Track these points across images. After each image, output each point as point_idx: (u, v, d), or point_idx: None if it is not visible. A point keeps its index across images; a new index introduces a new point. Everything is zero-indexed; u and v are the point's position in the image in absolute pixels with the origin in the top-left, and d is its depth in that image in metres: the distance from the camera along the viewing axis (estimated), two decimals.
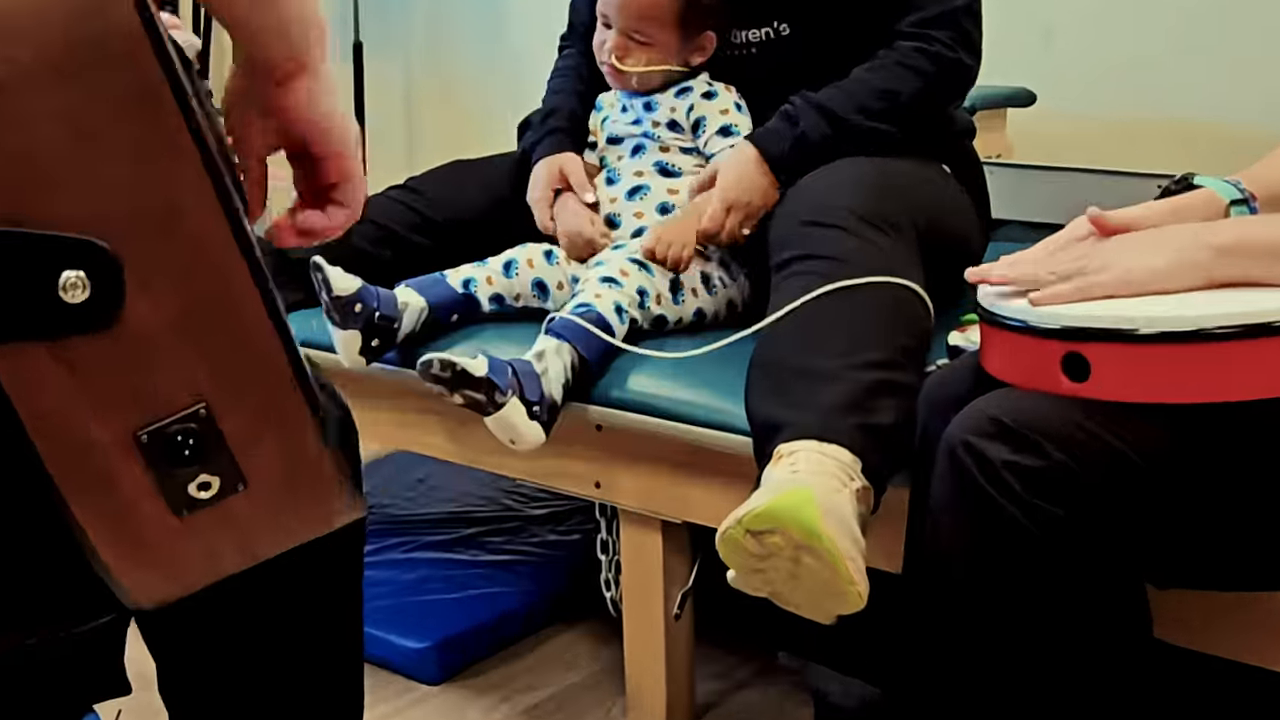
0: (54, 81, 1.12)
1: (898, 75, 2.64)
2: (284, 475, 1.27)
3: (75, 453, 1.17)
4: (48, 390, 1.15)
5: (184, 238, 1.18)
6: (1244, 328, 1.62)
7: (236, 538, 1.26)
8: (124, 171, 1.15)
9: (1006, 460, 1.67)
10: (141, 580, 1.24)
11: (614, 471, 2.58)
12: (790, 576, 2.03)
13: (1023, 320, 1.75)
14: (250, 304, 1.22)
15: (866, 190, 2.46)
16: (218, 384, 1.21)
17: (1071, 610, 1.69)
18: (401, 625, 2.93)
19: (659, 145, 2.83)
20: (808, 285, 2.30)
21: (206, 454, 1.21)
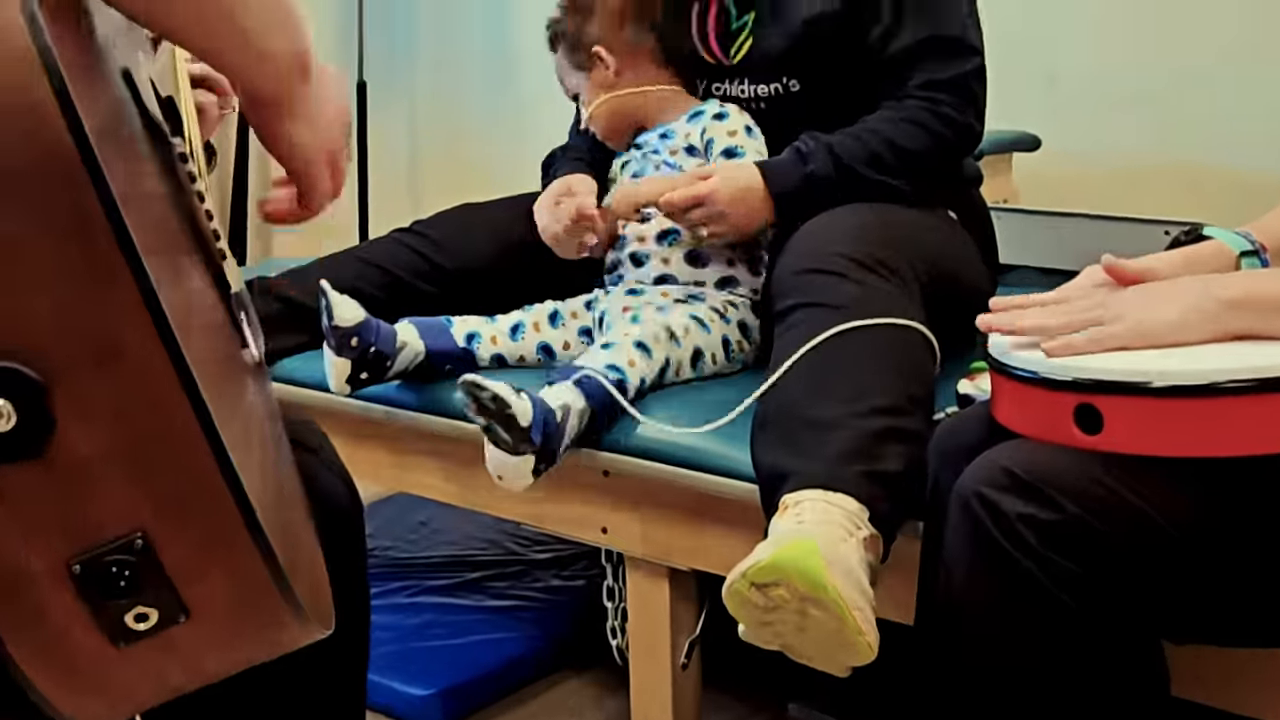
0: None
1: (908, 132, 2.65)
2: (230, 607, 1.24)
3: (5, 581, 1.16)
4: None
5: (122, 372, 1.16)
6: (1257, 382, 1.62)
7: (181, 662, 1.24)
8: (54, 301, 1.13)
9: (1021, 513, 1.66)
10: (83, 705, 1.22)
11: (621, 518, 2.58)
12: (798, 629, 2.03)
13: (1034, 371, 1.75)
14: (194, 441, 1.18)
15: (865, 236, 2.45)
16: (158, 516, 1.18)
17: (1087, 666, 1.68)
18: (404, 672, 2.92)
19: None
20: (809, 333, 2.30)
21: (143, 585, 1.18)
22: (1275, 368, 1.63)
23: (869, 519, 2.10)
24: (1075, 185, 3.38)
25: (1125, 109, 3.38)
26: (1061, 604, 1.66)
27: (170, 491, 1.18)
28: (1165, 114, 3.33)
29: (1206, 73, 3.27)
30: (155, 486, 1.17)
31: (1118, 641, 1.68)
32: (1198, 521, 1.66)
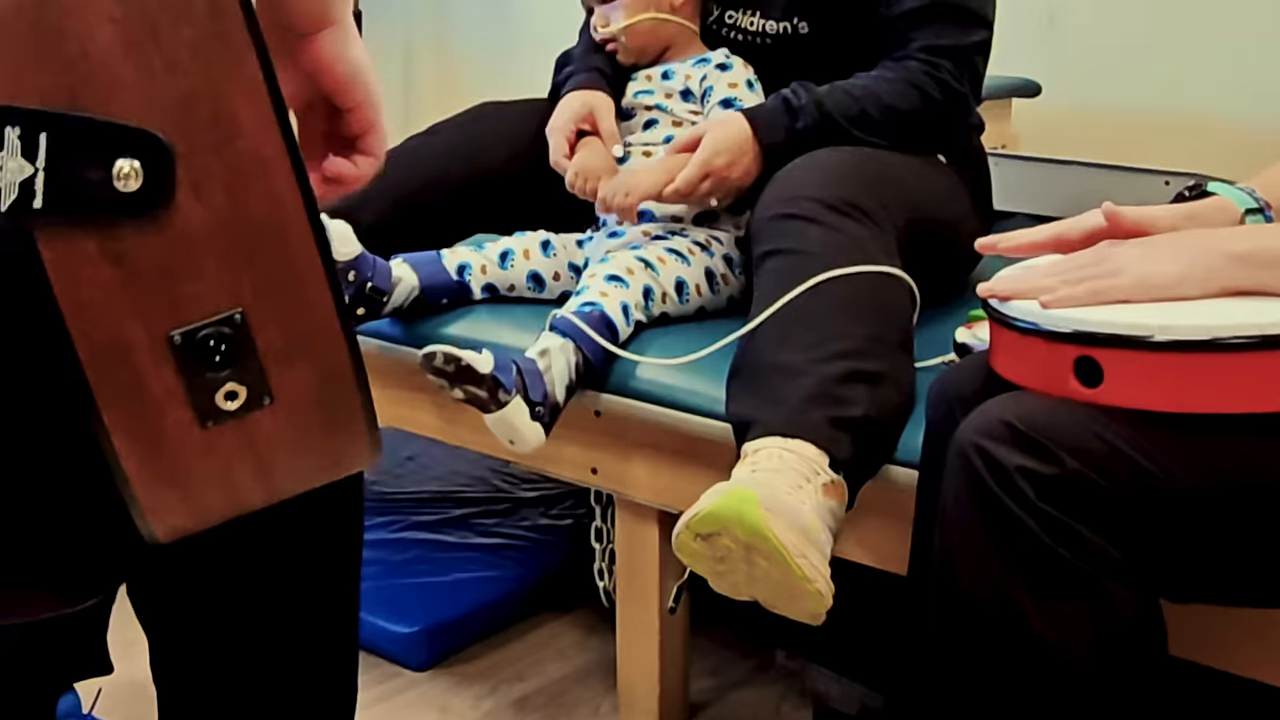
0: None
1: (902, 93, 2.66)
2: (313, 399, 1.29)
3: (111, 352, 1.19)
4: (92, 281, 1.18)
5: (239, 152, 1.20)
6: (1261, 339, 1.63)
7: (256, 463, 1.28)
8: (184, 81, 1.18)
9: (1019, 466, 1.67)
10: (160, 501, 1.25)
11: (611, 459, 2.59)
12: (749, 578, 2.05)
13: (1034, 322, 1.75)
14: (298, 228, 1.24)
15: (838, 179, 2.47)
16: (257, 295, 1.23)
17: (1082, 623, 1.69)
18: (389, 608, 2.94)
19: (671, 119, 2.83)
20: (779, 281, 2.33)
21: (237, 361, 1.23)
22: (1278, 324, 1.64)
23: (829, 464, 2.11)
24: (1075, 133, 3.39)
25: (1128, 56, 3.38)
26: (1059, 558, 1.66)
27: (271, 274, 1.23)
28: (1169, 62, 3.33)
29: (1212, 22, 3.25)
30: (258, 266, 1.22)
31: (1114, 598, 1.68)
32: (1198, 478, 1.66)
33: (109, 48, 1.16)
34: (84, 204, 1.16)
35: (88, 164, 1.16)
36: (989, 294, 1.85)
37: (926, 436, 2.02)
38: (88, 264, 1.17)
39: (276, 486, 1.32)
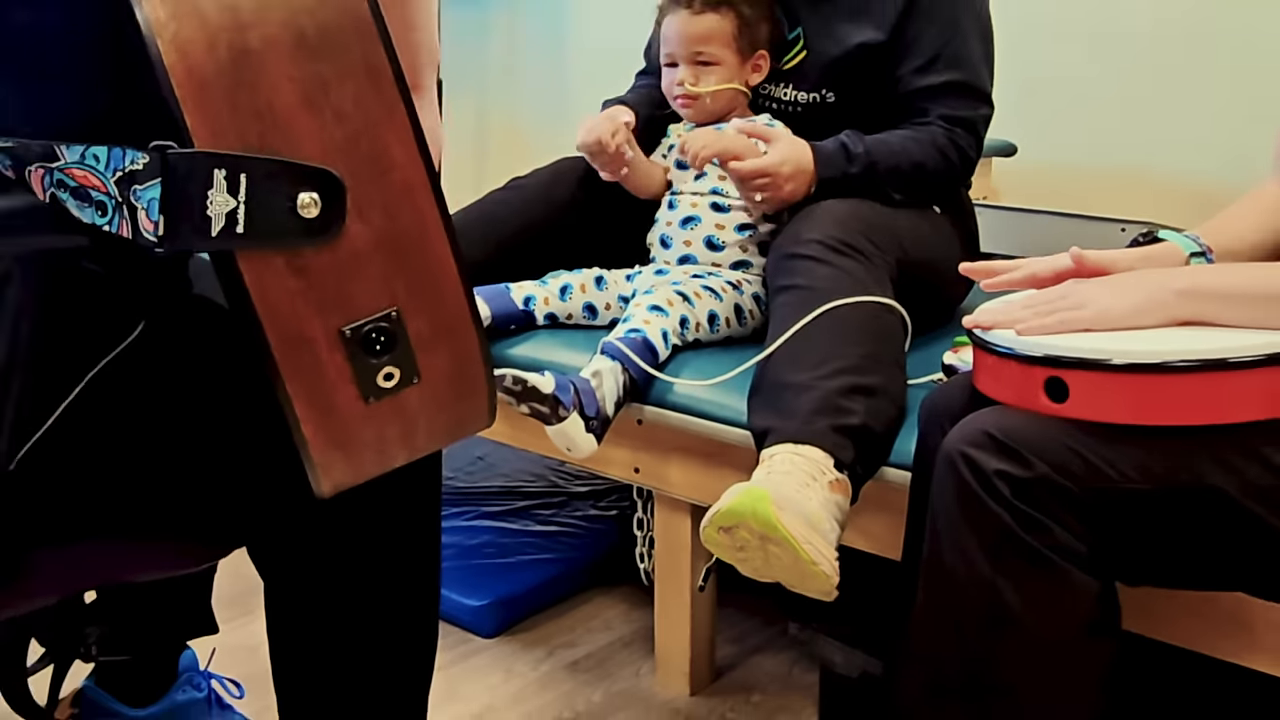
0: (296, 52, 1.23)
1: (931, 155, 2.64)
2: (449, 377, 1.36)
3: (295, 344, 1.26)
4: (281, 290, 1.24)
5: (393, 182, 1.27)
6: (1201, 362, 1.63)
7: (403, 429, 1.35)
8: (349, 127, 1.25)
9: (997, 469, 1.67)
10: (329, 460, 1.32)
11: (651, 460, 2.58)
12: (765, 562, 2.06)
13: (1011, 348, 1.75)
14: (438, 240, 1.31)
15: (838, 224, 2.46)
16: (409, 295, 1.30)
17: (1048, 602, 1.68)
18: (463, 585, 2.94)
19: (718, 173, 2.77)
20: (790, 313, 2.33)
21: (393, 348, 1.30)
22: (1216, 350, 1.64)
23: (834, 465, 2.11)
24: (1045, 187, 3.38)
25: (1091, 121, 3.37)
26: (1030, 547, 1.66)
27: (418, 277, 1.31)
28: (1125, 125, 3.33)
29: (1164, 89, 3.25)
30: (408, 272, 1.30)
31: (1076, 581, 1.68)
32: (1148, 480, 1.66)
33: (290, 102, 1.22)
34: (275, 229, 1.21)
35: (277, 197, 1.21)
36: (973, 325, 1.85)
37: (918, 444, 2.02)
38: (277, 276, 1.23)
39: (417, 447, 1.39)
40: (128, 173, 1.22)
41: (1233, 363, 1.64)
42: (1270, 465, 1.65)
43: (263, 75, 1.22)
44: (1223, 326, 1.72)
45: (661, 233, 2.81)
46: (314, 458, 1.30)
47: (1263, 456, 1.65)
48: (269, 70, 1.22)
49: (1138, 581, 1.73)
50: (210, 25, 1.21)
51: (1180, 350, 1.65)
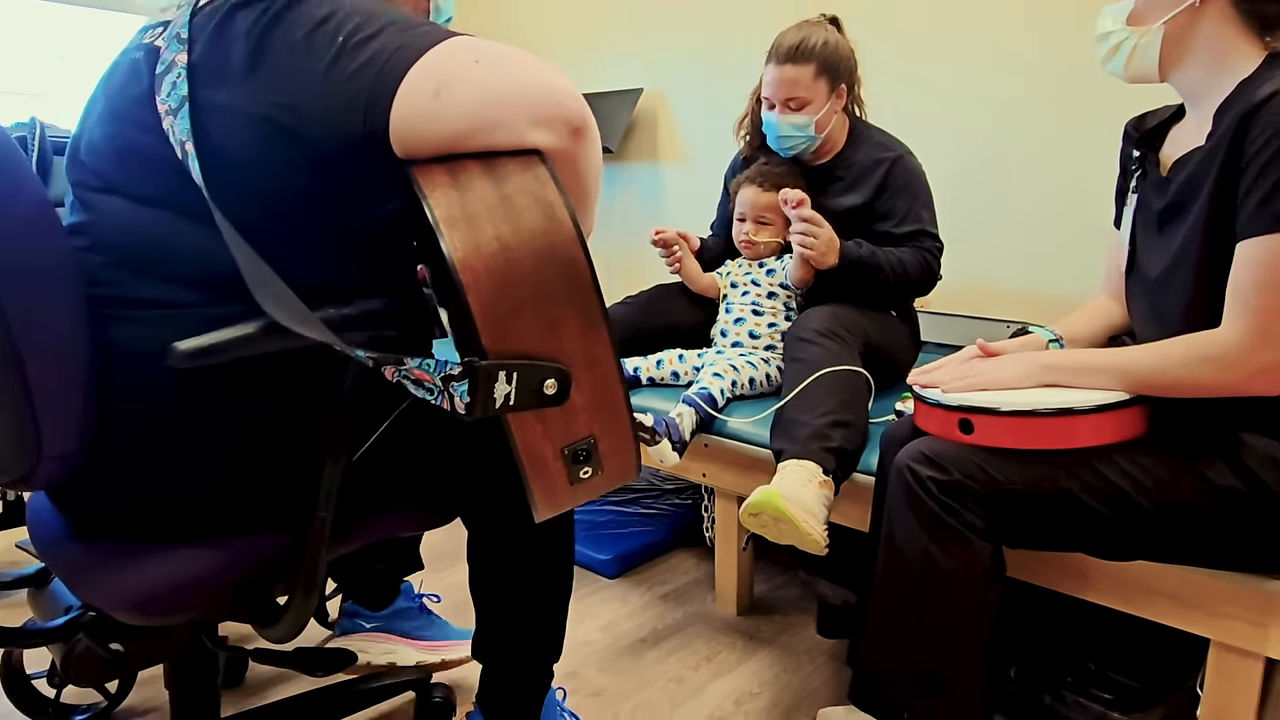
0: (544, 305, 1.22)
1: (914, 265, 2.58)
2: (619, 466, 1.34)
3: (536, 459, 1.27)
4: (530, 431, 1.26)
5: (599, 374, 1.27)
6: (1057, 410, 1.63)
7: (588, 493, 1.33)
8: (575, 341, 1.24)
9: (929, 476, 1.68)
10: (545, 510, 1.32)
11: (714, 469, 2.56)
12: (779, 534, 2.04)
13: (938, 400, 1.76)
14: (620, 398, 1.29)
15: (824, 320, 2.42)
16: (602, 430, 1.30)
17: (962, 559, 1.68)
18: (594, 545, 2.93)
19: (756, 290, 2.74)
20: (795, 377, 2.31)
21: (590, 458, 1.30)
22: (1065, 402, 1.64)
23: (823, 472, 2.09)
24: (959, 298, 3.34)
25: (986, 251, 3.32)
26: (949, 525, 1.67)
27: (608, 419, 1.30)
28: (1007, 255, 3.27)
29: (1028, 227, 3.21)
30: (601, 416, 1.29)
31: (978, 546, 1.68)
32: (1023, 484, 1.66)
33: (539, 331, 1.22)
34: (530, 402, 1.22)
35: (533, 383, 1.22)
36: (914, 383, 1.86)
37: (879, 459, 2.01)
38: (528, 424, 1.25)
39: (592, 498, 1.43)
40: (447, 375, 1.22)
41: (1076, 410, 1.64)
42: (1099, 473, 1.64)
43: (522, 301, 1.21)
44: (1070, 388, 1.71)
45: (721, 328, 2.78)
46: (538, 511, 1.31)
47: (1094, 467, 1.65)
48: (525, 298, 1.21)
49: (1017, 545, 1.72)
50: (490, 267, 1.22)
51: (1043, 402, 1.66)
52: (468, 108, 1.24)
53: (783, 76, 2.64)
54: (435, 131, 1.25)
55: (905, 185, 2.65)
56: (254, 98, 1.31)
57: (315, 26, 1.31)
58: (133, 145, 1.38)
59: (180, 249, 1.35)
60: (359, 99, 1.26)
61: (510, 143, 1.26)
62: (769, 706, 2.17)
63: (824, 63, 2.63)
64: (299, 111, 1.29)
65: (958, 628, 1.70)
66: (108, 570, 1.39)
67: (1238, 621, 1.73)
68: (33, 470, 1.31)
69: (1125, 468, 1.65)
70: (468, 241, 1.20)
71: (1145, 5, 1.69)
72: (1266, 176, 1.50)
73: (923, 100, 3.38)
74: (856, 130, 2.76)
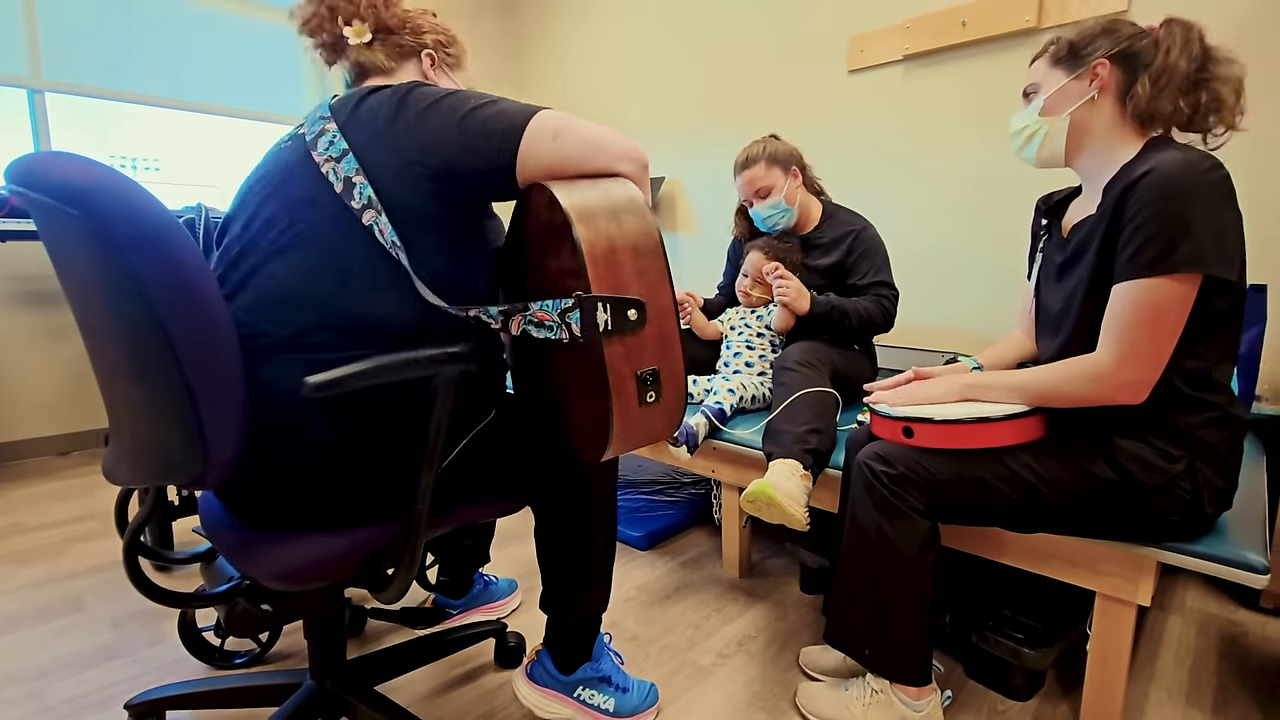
0: (633, 254, 1.29)
1: (875, 311, 2.53)
2: (674, 399, 1.35)
3: (619, 377, 1.29)
4: (616, 351, 1.28)
5: (661, 309, 1.31)
6: (976, 419, 1.63)
7: (651, 425, 1.34)
8: (648, 283, 1.29)
9: (881, 470, 1.67)
10: (619, 439, 1.31)
11: (721, 465, 2.52)
12: (770, 515, 2.01)
13: (887, 413, 1.75)
14: (676, 339, 1.32)
15: (803, 352, 2.39)
16: (662, 360, 1.32)
17: (906, 533, 1.67)
18: (630, 524, 2.89)
19: (750, 332, 2.71)
20: (781, 397, 2.27)
21: (655, 384, 1.32)
22: (983, 412, 1.64)
23: (803, 468, 2.06)
24: (906, 334, 3.30)
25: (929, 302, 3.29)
26: (895, 507, 1.66)
27: (668, 354, 1.32)
28: (944, 308, 3.25)
29: (956, 272, 3.18)
30: (664, 351, 1.31)
31: (919, 522, 1.67)
32: (952, 475, 1.65)
33: (629, 274, 1.29)
34: (621, 327, 1.27)
35: (621, 312, 1.27)
36: (869, 401, 1.84)
37: (845, 457, 1.98)
38: (615, 346, 1.28)
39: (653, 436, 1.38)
40: (564, 309, 1.27)
41: (991, 419, 1.63)
42: (1008, 467, 1.63)
43: (619, 261, 1.28)
44: (987, 402, 1.71)
45: (724, 359, 2.75)
46: (615, 435, 1.31)
47: (1004, 463, 1.64)
48: (622, 259, 1.28)
49: (948, 521, 1.71)
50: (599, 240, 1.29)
51: (966, 413, 1.65)
52: (576, 146, 1.36)
53: (746, 178, 2.66)
54: (553, 166, 1.35)
55: (867, 250, 2.63)
56: (398, 148, 1.37)
57: (441, 98, 1.39)
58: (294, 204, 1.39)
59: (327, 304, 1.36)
60: (493, 139, 1.35)
61: (604, 169, 1.37)
62: (764, 646, 2.15)
63: (770, 158, 2.65)
64: (436, 153, 1.36)
65: (905, 585, 1.68)
66: (260, 551, 1.39)
67: (1115, 578, 1.73)
68: (202, 474, 1.30)
69: (1029, 462, 1.65)
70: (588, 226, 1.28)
71: (1054, 100, 1.69)
72: (1135, 237, 1.52)
73: (888, 193, 3.39)
74: (828, 209, 2.75)
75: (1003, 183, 3.04)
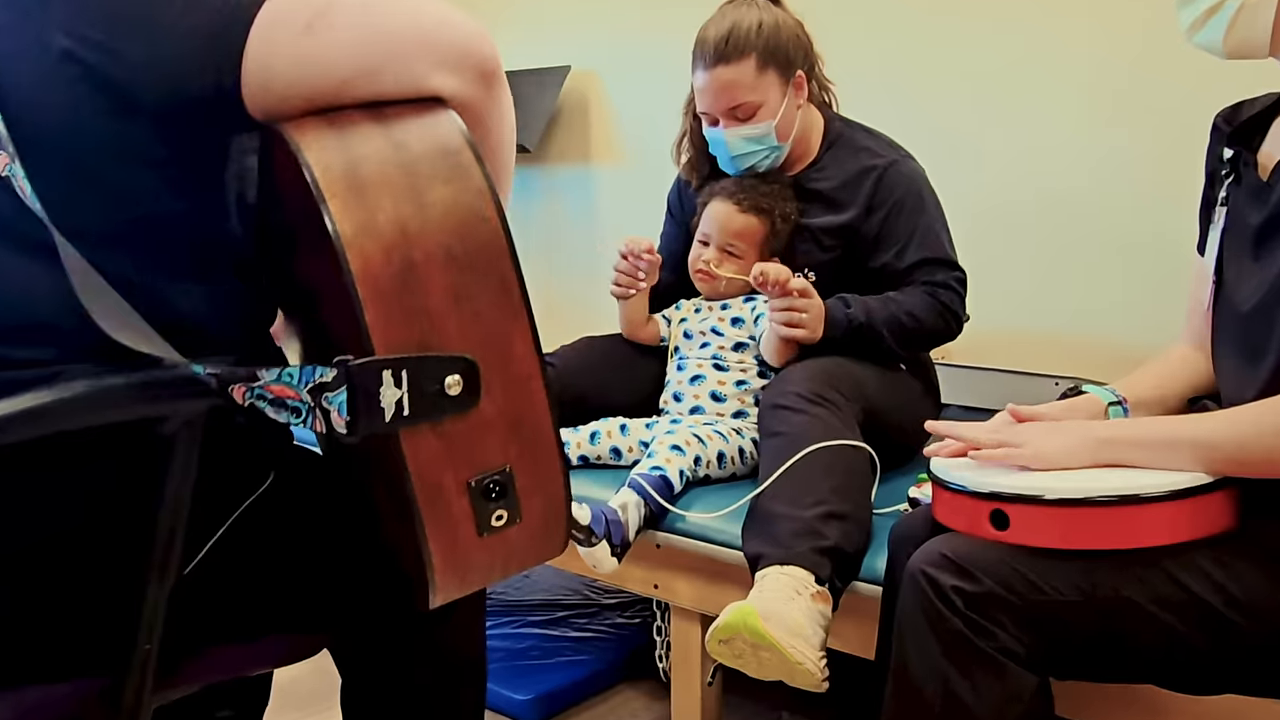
0: (447, 266, 1.28)
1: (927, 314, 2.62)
2: (543, 516, 1.37)
3: (434, 490, 1.29)
4: (427, 451, 1.28)
5: (514, 372, 1.31)
6: (1118, 497, 1.65)
7: (504, 558, 1.36)
8: (484, 326, 1.29)
9: (952, 585, 1.68)
10: (446, 581, 1.34)
11: (668, 577, 2.57)
12: (759, 666, 2.06)
13: (963, 485, 1.77)
14: (544, 416, 1.34)
15: (809, 378, 2.45)
16: (519, 456, 1.33)
17: (995, 694, 1.67)
18: (511, 682, 2.91)
19: (718, 344, 2.76)
20: (775, 456, 2.32)
21: (504, 497, 1.32)
22: (1130, 488, 1.66)
23: (815, 580, 2.11)
24: (993, 348, 3.35)
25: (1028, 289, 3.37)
26: (979, 649, 1.67)
27: (527, 443, 1.34)
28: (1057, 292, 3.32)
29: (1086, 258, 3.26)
30: (520, 438, 1.33)
31: (1017, 677, 1.67)
32: (1075, 594, 1.67)
33: (443, 306, 1.27)
34: (430, 408, 1.25)
35: (431, 382, 1.25)
36: (933, 454, 1.87)
37: (888, 563, 2.01)
38: (425, 440, 1.28)
39: (510, 570, 1.41)
40: (318, 384, 1.26)
41: (1143, 498, 1.65)
42: (1176, 580, 1.65)
43: (423, 282, 1.27)
44: (1136, 467, 1.72)
45: (674, 390, 2.79)
46: (435, 579, 1.33)
47: (1169, 573, 1.66)
48: (428, 278, 1.27)
49: (1068, 676, 1.73)
50: (387, 241, 1.26)
51: (1101, 488, 1.67)
52: (352, 46, 1.30)
53: (717, 82, 2.68)
54: (307, 79, 1.30)
55: (903, 200, 2.69)
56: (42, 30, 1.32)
57: None
58: None
59: None
60: (198, 39, 1.30)
61: (405, 89, 1.33)
62: None
63: (765, 51, 2.66)
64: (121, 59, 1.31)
65: None
66: None
67: None
68: None
69: (1209, 572, 1.66)
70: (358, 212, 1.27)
71: None
72: None
73: (934, 89, 3.43)
74: (834, 130, 2.81)
75: (1160, 87, 3.08)
